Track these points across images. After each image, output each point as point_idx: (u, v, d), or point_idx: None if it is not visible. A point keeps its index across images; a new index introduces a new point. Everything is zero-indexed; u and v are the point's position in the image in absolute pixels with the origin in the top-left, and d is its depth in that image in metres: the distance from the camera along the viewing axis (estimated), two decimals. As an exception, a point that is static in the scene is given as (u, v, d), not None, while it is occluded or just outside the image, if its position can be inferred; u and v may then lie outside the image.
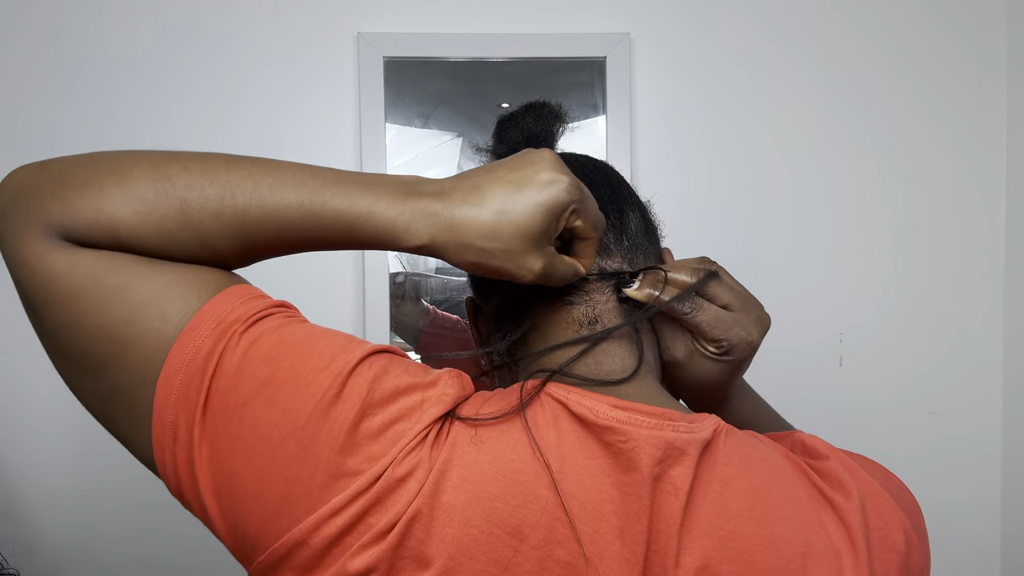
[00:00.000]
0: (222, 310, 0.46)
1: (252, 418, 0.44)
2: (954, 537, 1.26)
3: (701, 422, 0.49)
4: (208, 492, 0.45)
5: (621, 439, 0.46)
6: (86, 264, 0.45)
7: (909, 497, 0.54)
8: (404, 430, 0.44)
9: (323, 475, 0.43)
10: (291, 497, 0.43)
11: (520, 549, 0.43)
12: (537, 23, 1.21)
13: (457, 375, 0.49)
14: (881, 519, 0.48)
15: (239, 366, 0.45)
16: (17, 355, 1.17)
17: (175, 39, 1.19)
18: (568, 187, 0.48)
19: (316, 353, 0.45)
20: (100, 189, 0.45)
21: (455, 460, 0.44)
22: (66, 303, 0.45)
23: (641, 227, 0.59)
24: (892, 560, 0.47)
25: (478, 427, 0.46)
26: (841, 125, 1.25)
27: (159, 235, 0.45)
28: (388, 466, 0.43)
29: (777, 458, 0.50)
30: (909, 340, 1.26)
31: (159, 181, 0.45)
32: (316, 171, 0.48)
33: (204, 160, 0.47)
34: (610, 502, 0.45)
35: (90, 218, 0.44)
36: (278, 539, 0.44)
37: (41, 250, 0.45)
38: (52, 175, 0.46)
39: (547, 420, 0.47)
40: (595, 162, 0.63)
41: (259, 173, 0.47)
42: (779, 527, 0.46)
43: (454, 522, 0.43)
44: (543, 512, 0.44)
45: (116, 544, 1.18)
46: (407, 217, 0.46)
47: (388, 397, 0.45)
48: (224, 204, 0.46)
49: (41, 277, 0.45)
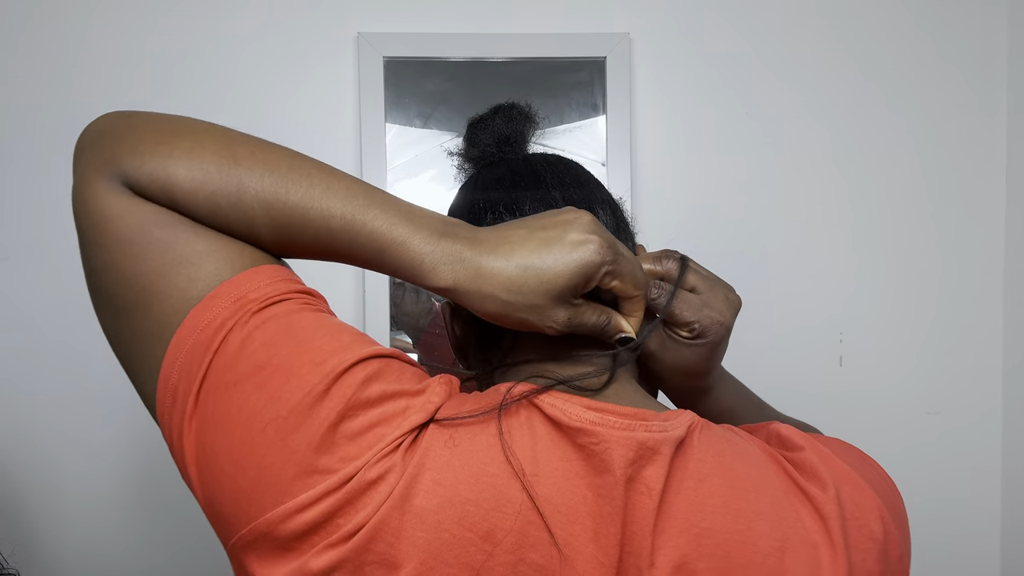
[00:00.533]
0: (247, 286, 0.47)
1: (240, 399, 0.45)
2: (954, 537, 1.26)
3: (675, 419, 0.49)
4: (192, 464, 0.46)
5: (593, 441, 0.46)
6: (138, 213, 0.47)
7: (886, 482, 0.54)
8: (383, 434, 0.44)
9: (296, 468, 0.43)
10: (261, 485, 0.44)
11: (493, 553, 0.43)
12: (537, 23, 1.21)
13: (447, 381, 0.49)
14: (857, 508, 0.48)
15: (241, 345, 0.46)
16: (18, 355, 1.17)
17: (175, 39, 1.18)
18: (599, 248, 0.48)
19: (315, 347, 0.46)
20: (170, 151, 0.47)
21: (428, 464, 0.44)
22: (113, 244, 0.47)
23: (612, 225, 0.59)
24: (870, 549, 0.47)
25: (453, 427, 0.46)
26: (841, 125, 1.25)
27: (209, 206, 0.47)
28: (361, 468, 0.43)
29: (753, 451, 0.50)
30: (909, 340, 1.26)
31: (226, 159, 0.48)
32: (369, 190, 0.49)
33: (271, 151, 0.50)
34: (584, 504, 0.45)
35: (153, 174, 0.47)
36: (246, 525, 0.44)
37: (102, 191, 0.47)
38: (133, 126, 0.49)
39: (521, 422, 0.47)
40: (564, 161, 0.62)
41: (316, 177, 0.49)
42: (755, 522, 0.46)
43: (425, 526, 0.43)
44: (517, 515, 0.44)
45: (116, 544, 1.18)
46: (436, 257, 0.47)
47: (373, 401, 0.45)
48: (277, 198, 0.47)
49: (96, 216, 0.48)
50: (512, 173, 0.60)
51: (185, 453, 0.46)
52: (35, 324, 1.18)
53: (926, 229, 1.26)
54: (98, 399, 1.17)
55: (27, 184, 1.17)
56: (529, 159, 0.62)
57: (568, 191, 0.58)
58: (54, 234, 1.18)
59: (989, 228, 1.27)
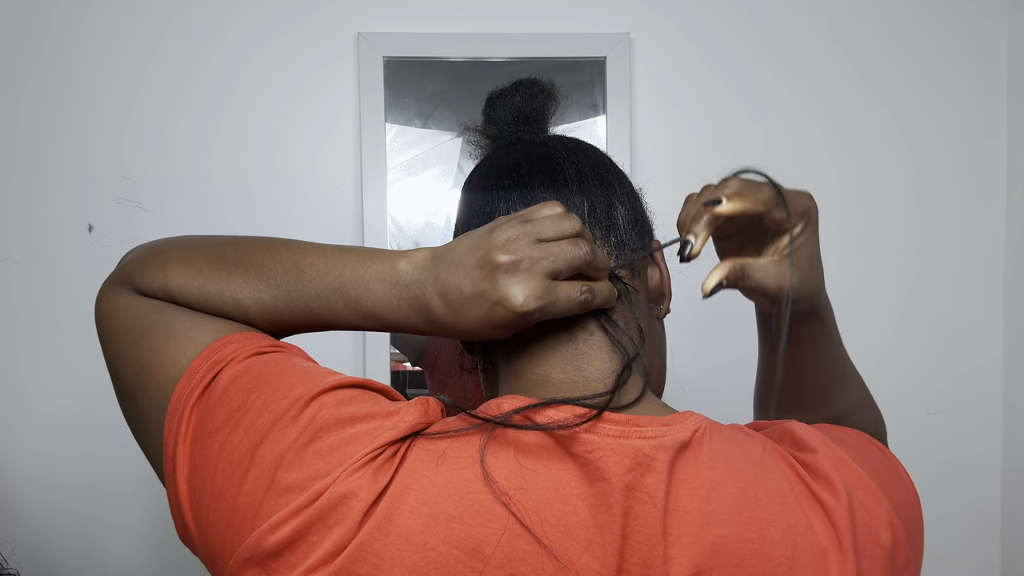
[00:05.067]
0: (229, 349, 0.50)
1: (220, 442, 0.47)
2: (954, 537, 1.26)
3: (677, 424, 0.48)
4: (188, 513, 0.48)
5: (588, 449, 0.46)
6: (140, 305, 0.54)
7: (902, 484, 0.53)
8: (352, 452, 0.45)
9: (268, 490, 0.44)
10: (239, 512, 0.45)
11: (483, 570, 0.43)
12: (537, 23, 1.21)
13: (423, 403, 0.49)
14: (867, 513, 0.48)
15: (220, 396, 0.48)
16: (18, 356, 1.18)
17: (175, 39, 1.19)
18: (518, 314, 0.47)
19: (285, 383, 0.48)
20: (167, 258, 0.55)
21: (412, 484, 0.44)
22: (119, 335, 0.54)
23: (630, 220, 0.57)
24: (878, 556, 0.47)
25: (444, 442, 0.46)
26: (841, 125, 1.25)
27: (201, 294, 0.54)
28: (330, 484, 0.44)
29: (766, 456, 0.49)
30: (909, 340, 1.26)
31: (214, 258, 0.54)
32: (332, 264, 0.52)
33: (252, 245, 0.55)
34: (575, 515, 0.44)
35: (153, 277, 0.55)
36: (232, 554, 0.45)
37: (114, 295, 0.56)
38: (147, 251, 0.57)
39: (508, 437, 0.47)
40: (584, 147, 0.60)
41: (288, 262, 0.53)
42: (767, 530, 0.45)
43: (411, 546, 0.43)
44: (504, 530, 0.44)
45: (116, 544, 1.18)
46: (408, 321, 0.51)
47: (344, 421, 0.46)
48: (260, 288, 0.53)
49: (106, 313, 0.55)
50: (528, 160, 0.58)
51: (183, 507, 0.48)
52: (35, 324, 1.18)
53: (926, 229, 1.26)
54: (98, 399, 1.17)
55: (27, 184, 1.17)
56: (547, 144, 0.60)
57: (586, 184, 0.56)
58: (54, 234, 1.18)
59: (989, 228, 1.27)
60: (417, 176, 1.20)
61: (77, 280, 1.17)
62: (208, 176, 1.19)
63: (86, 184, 1.18)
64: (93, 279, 1.16)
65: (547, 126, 0.63)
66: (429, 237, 1.20)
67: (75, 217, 1.18)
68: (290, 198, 1.20)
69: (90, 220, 1.18)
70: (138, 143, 1.18)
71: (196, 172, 1.19)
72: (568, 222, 0.49)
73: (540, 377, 0.52)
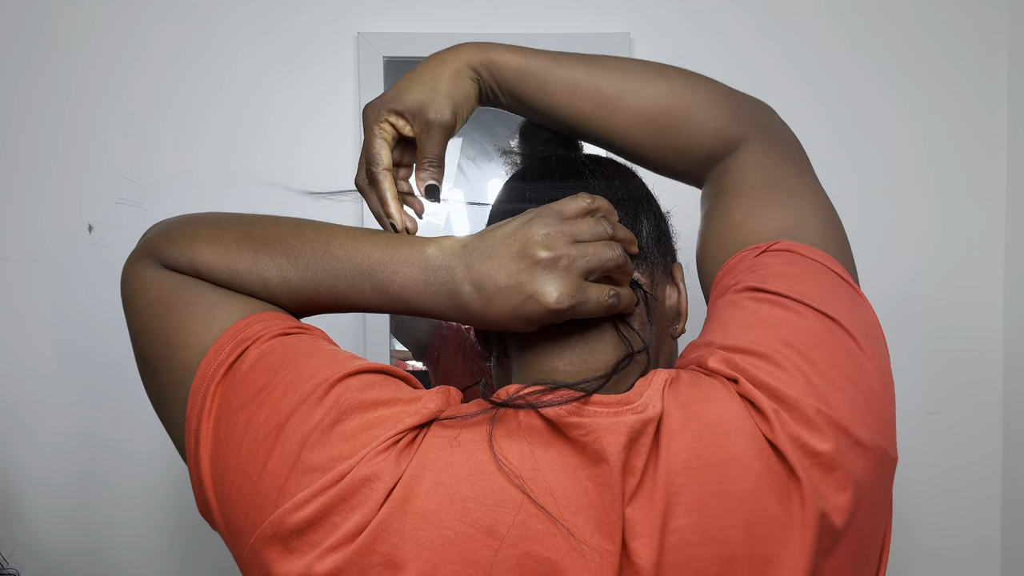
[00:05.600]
0: (254, 328, 0.51)
1: (245, 419, 0.48)
2: (954, 537, 1.26)
3: (652, 388, 0.48)
4: (210, 489, 0.49)
5: (582, 433, 0.47)
6: (167, 280, 0.55)
7: (824, 327, 0.52)
8: (376, 435, 0.46)
9: (293, 469, 0.45)
10: (263, 489, 0.46)
11: (498, 549, 0.44)
12: (537, 23, 1.21)
13: (444, 391, 0.50)
14: (799, 425, 0.46)
15: (245, 374, 0.49)
16: (18, 356, 1.18)
17: (175, 39, 1.19)
18: (551, 311, 0.48)
19: (312, 365, 0.49)
20: (195, 232, 0.56)
21: (428, 465, 0.45)
22: (145, 308, 0.54)
23: (654, 236, 0.59)
24: (817, 466, 0.46)
25: (457, 428, 0.47)
26: (841, 124, 1.25)
27: (228, 271, 0.54)
28: (354, 466, 0.45)
29: (719, 391, 0.49)
30: (909, 340, 1.26)
31: (242, 235, 0.55)
32: (360, 246, 0.53)
33: (282, 223, 0.56)
34: (586, 496, 0.45)
35: (181, 252, 0.55)
36: (255, 531, 0.46)
37: (140, 269, 0.56)
38: (174, 225, 0.58)
39: (519, 422, 0.48)
40: (617, 166, 0.62)
41: (316, 243, 0.54)
42: (728, 468, 0.45)
43: (428, 525, 0.44)
44: (518, 509, 0.45)
45: (116, 544, 1.18)
46: (433, 306, 0.51)
47: (367, 405, 0.47)
48: (287, 267, 0.53)
49: (133, 287, 0.56)
50: (561, 171, 0.60)
51: (204, 482, 0.49)
52: (35, 324, 1.18)
53: (925, 228, 1.26)
54: (98, 399, 1.17)
55: (27, 184, 1.17)
56: (579, 158, 0.62)
57: (614, 194, 0.58)
58: (54, 234, 1.18)
59: (989, 228, 1.27)
60: (417, 176, 1.20)
61: (77, 280, 1.17)
62: (208, 176, 1.19)
63: (86, 184, 1.18)
64: (93, 279, 1.17)
65: (580, 145, 0.66)
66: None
67: (75, 217, 1.18)
68: (290, 198, 1.20)
69: (90, 220, 1.18)
70: (138, 143, 1.18)
71: (196, 172, 1.19)
72: (603, 224, 0.51)
73: (548, 369, 0.54)
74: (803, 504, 0.45)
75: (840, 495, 0.46)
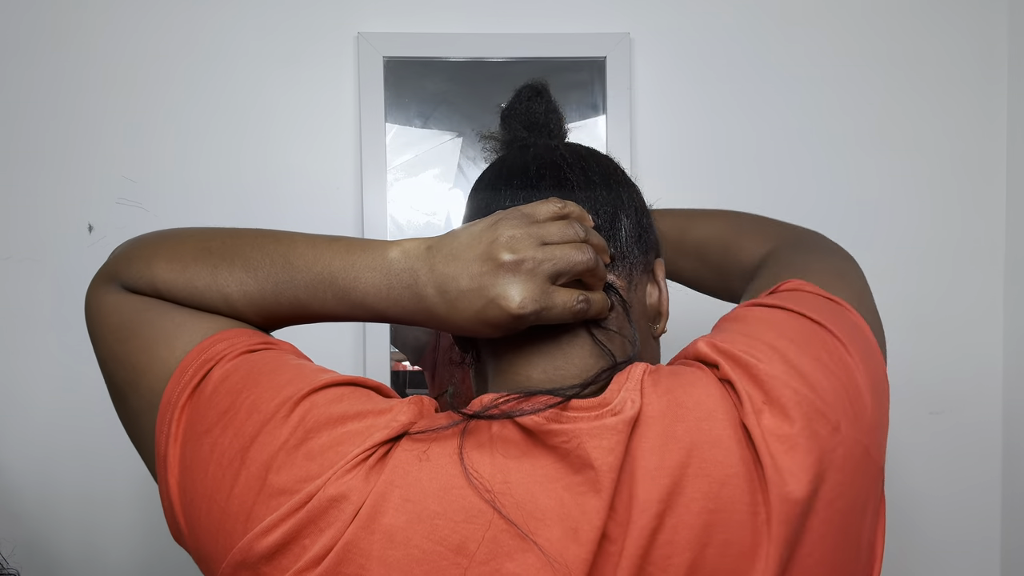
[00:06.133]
0: (219, 347, 0.50)
1: (210, 443, 0.46)
2: (954, 537, 1.26)
3: (630, 385, 0.47)
4: (180, 515, 0.47)
5: (563, 440, 0.45)
6: (129, 303, 0.53)
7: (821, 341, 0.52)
8: (344, 452, 0.44)
9: (260, 493, 0.44)
10: (231, 515, 0.44)
11: (467, 567, 0.42)
12: (537, 23, 1.21)
13: (417, 401, 0.48)
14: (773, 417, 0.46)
15: (209, 397, 0.48)
16: (18, 356, 1.18)
17: (175, 39, 1.19)
18: (514, 316, 0.46)
19: (276, 382, 0.47)
20: (154, 252, 0.54)
21: (396, 481, 0.44)
22: (108, 334, 0.53)
23: (634, 234, 0.57)
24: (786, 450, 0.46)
25: (427, 441, 0.46)
26: (841, 125, 1.25)
27: (188, 289, 0.52)
28: (322, 486, 0.43)
29: (700, 377, 0.48)
30: (910, 340, 1.26)
31: (200, 250, 0.53)
32: (321, 255, 0.51)
33: (241, 236, 0.54)
34: (561, 507, 0.44)
35: (140, 272, 0.54)
36: (224, 558, 0.45)
37: (102, 294, 0.55)
38: (133, 246, 0.56)
39: (491, 434, 0.46)
40: (598, 158, 0.60)
41: (275, 254, 0.52)
42: (707, 452, 0.45)
43: (395, 543, 0.43)
44: (488, 525, 0.43)
45: (116, 544, 1.18)
46: (398, 311, 0.50)
47: (336, 420, 0.45)
48: (247, 281, 0.52)
49: (95, 312, 0.54)
50: (537, 162, 0.58)
51: (175, 508, 0.48)
52: (35, 324, 1.18)
53: (926, 229, 1.26)
54: (97, 399, 1.17)
55: (27, 184, 1.17)
56: (558, 148, 0.59)
57: (592, 191, 0.56)
58: (54, 234, 1.18)
59: (989, 228, 1.27)
60: (417, 176, 1.20)
61: (77, 280, 1.17)
62: (208, 176, 1.19)
63: (86, 184, 1.18)
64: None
65: (562, 131, 0.63)
66: (429, 237, 1.19)
67: (75, 217, 1.18)
68: (290, 198, 1.20)
69: (90, 220, 1.18)
70: (138, 143, 1.19)
71: (196, 172, 1.19)
72: (574, 227, 0.49)
73: (523, 377, 0.52)
74: (765, 489, 0.44)
75: (802, 474, 0.45)
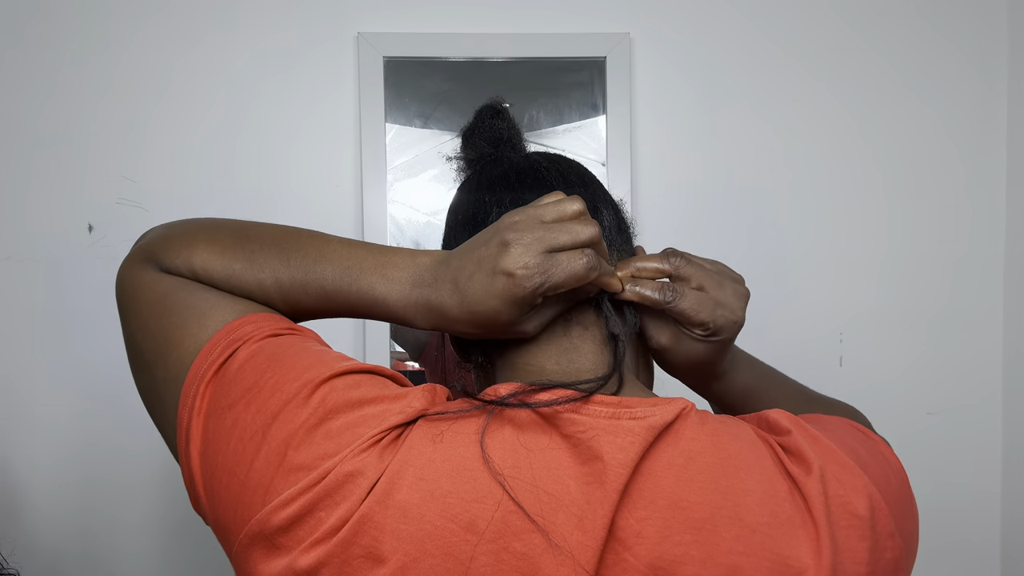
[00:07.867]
0: (247, 328, 0.52)
1: (233, 418, 0.49)
2: (954, 537, 1.26)
3: (664, 405, 0.49)
4: (200, 486, 0.50)
5: (580, 429, 0.47)
6: (165, 282, 0.56)
7: (883, 460, 0.54)
8: (360, 433, 0.47)
9: (279, 468, 0.46)
10: (250, 488, 0.47)
11: (476, 544, 0.45)
12: (537, 23, 1.21)
13: (430, 389, 0.50)
14: (841, 486, 0.48)
15: (235, 374, 0.50)
16: (18, 355, 1.18)
17: (175, 39, 1.19)
18: (521, 282, 0.48)
19: (299, 365, 0.50)
20: (193, 235, 0.58)
21: (411, 460, 0.46)
22: (143, 308, 0.56)
23: (614, 224, 0.59)
24: (854, 526, 0.48)
25: (442, 423, 0.48)
26: (841, 126, 1.25)
27: (225, 272, 0.56)
28: (338, 463, 0.45)
29: (748, 433, 0.50)
30: (909, 340, 1.26)
31: (239, 237, 0.57)
32: (355, 252, 0.55)
33: (277, 228, 0.58)
34: (567, 494, 0.46)
35: (179, 254, 0.57)
36: (242, 529, 0.47)
37: (138, 271, 0.58)
38: (171, 229, 0.60)
39: (506, 419, 0.48)
40: (568, 161, 0.63)
41: (310, 246, 0.56)
42: (744, 498, 0.46)
43: (409, 519, 0.45)
44: (498, 506, 0.45)
45: (116, 544, 1.18)
46: (411, 311, 0.53)
47: (353, 404, 0.48)
48: (279, 268, 0.55)
49: (131, 288, 0.57)
50: (516, 171, 0.61)
51: (195, 479, 0.50)
52: (35, 324, 1.18)
53: (926, 229, 1.26)
54: (97, 399, 1.17)
55: (28, 184, 1.18)
56: (530, 157, 0.63)
57: (572, 188, 0.58)
58: (54, 234, 1.18)
59: (989, 229, 1.27)
60: (417, 176, 1.20)
61: (77, 280, 1.18)
62: (208, 176, 1.19)
63: (86, 184, 1.18)
64: (93, 279, 1.17)
65: (524, 145, 0.66)
66: (429, 237, 1.20)
67: (75, 217, 1.18)
68: (290, 198, 1.20)
69: (90, 220, 1.18)
70: (138, 143, 1.19)
71: (196, 172, 1.19)
72: (573, 205, 0.51)
73: (535, 368, 0.54)
74: (819, 547, 0.46)
75: (861, 555, 0.47)
